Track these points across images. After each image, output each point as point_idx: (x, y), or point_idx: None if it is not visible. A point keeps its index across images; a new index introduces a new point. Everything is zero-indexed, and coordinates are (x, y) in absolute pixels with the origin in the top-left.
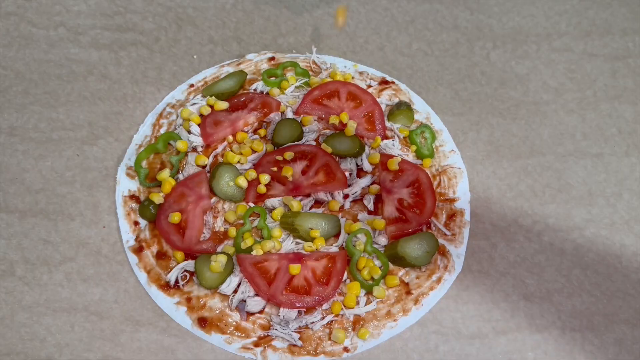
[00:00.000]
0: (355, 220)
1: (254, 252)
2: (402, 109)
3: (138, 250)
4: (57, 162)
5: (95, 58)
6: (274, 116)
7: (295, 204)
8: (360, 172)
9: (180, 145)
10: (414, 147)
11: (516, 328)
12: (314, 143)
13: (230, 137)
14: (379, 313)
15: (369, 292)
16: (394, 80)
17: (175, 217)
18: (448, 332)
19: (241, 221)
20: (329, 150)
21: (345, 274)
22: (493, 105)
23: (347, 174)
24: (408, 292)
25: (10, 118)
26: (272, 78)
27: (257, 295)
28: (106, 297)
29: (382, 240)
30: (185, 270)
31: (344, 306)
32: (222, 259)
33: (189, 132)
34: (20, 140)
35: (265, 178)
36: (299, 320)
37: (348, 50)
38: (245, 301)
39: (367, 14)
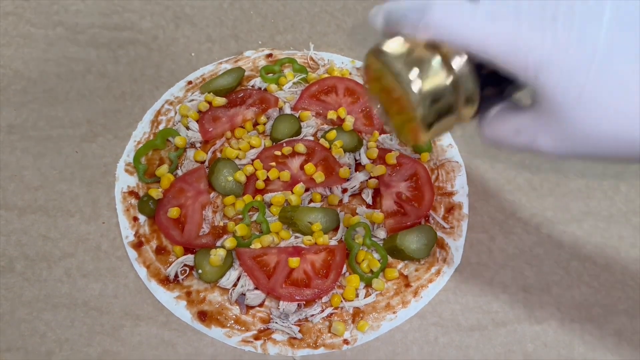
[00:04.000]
0: (354, 214)
1: (252, 246)
2: None
3: (137, 245)
4: (56, 159)
5: (93, 56)
6: (272, 112)
7: (294, 199)
8: (359, 167)
9: (179, 141)
10: None
11: (515, 320)
12: (312, 138)
13: (229, 133)
14: (378, 305)
15: (368, 285)
16: None
17: (174, 212)
18: (447, 324)
19: (240, 216)
20: (327, 145)
21: (345, 267)
22: None
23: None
24: (407, 285)
25: (9, 116)
26: (270, 74)
27: (256, 288)
28: (106, 292)
29: (381, 233)
30: (185, 265)
31: (344, 299)
32: (221, 252)
33: (188, 128)
34: (19, 138)
35: (263, 173)
36: (299, 313)
37: (345, 47)
38: (244, 295)
39: (363, 11)
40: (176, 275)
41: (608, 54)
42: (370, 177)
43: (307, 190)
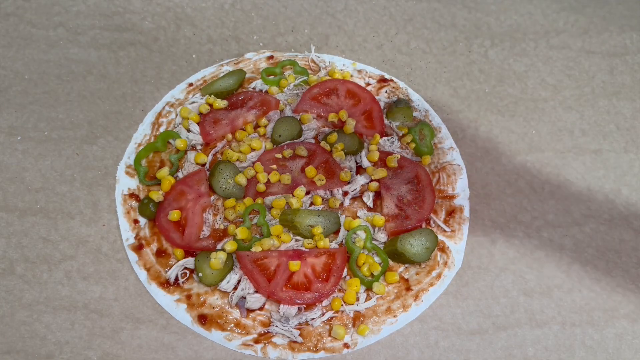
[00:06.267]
0: (355, 217)
1: (253, 249)
2: (401, 106)
3: (138, 248)
4: (56, 161)
5: (94, 58)
6: (273, 114)
7: (295, 202)
8: (360, 170)
9: (180, 143)
10: (412, 144)
11: (516, 323)
12: (313, 141)
13: (230, 135)
14: (378, 309)
15: (368, 289)
16: (393, 78)
17: (175, 215)
18: (448, 327)
19: (241, 219)
20: (328, 147)
21: (345, 270)
22: (491, 103)
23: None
24: (408, 289)
25: (10, 118)
26: (271, 77)
27: (257, 292)
28: (106, 295)
29: (382, 236)
30: (185, 268)
31: (344, 302)
32: (222, 255)
33: (188, 130)
34: (20, 139)
35: (264, 176)
36: (299, 316)
37: (347, 49)
38: (245, 298)
39: (365, 13)
40: (176, 278)
41: None
42: (371, 180)
43: (308, 193)
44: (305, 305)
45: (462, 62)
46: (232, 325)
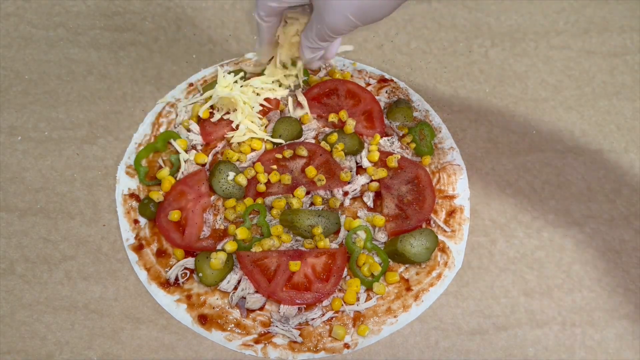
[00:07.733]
0: (355, 217)
1: (253, 250)
2: (401, 106)
3: (138, 248)
4: (57, 161)
5: (94, 58)
6: (273, 114)
7: (295, 202)
8: (360, 170)
9: (180, 144)
10: (413, 145)
11: (516, 324)
12: (313, 141)
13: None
14: (379, 309)
15: (369, 289)
16: (393, 78)
17: (175, 215)
18: (448, 328)
19: (241, 219)
20: (328, 148)
21: (345, 270)
22: (492, 103)
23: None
24: (408, 289)
25: (10, 118)
26: None
27: (257, 292)
28: (106, 295)
29: (382, 236)
30: (185, 268)
31: (344, 302)
32: (222, 256)
33: (188, 130)
34: (20, 139)
35: (264, 176)
36: (299, 316)
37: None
38: (245, 298)
39: None
40: (176, 279)
41: None
42: (372, 180)
43: (308, 193)
44: (305, 306)
45: (463, 62)
46: (232, 325)
